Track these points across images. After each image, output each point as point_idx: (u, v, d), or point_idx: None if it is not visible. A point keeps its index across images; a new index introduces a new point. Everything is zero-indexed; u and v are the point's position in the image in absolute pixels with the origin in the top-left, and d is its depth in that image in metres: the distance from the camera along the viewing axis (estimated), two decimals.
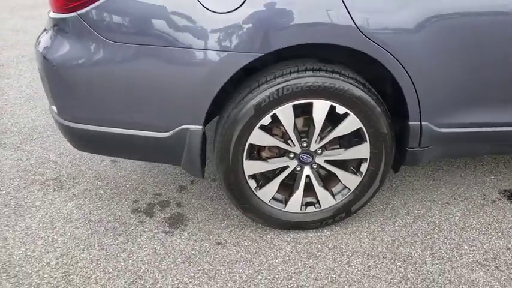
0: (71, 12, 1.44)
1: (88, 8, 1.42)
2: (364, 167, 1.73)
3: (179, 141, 1.60)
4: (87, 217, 1.95)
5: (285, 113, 1.58)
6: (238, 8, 1.39)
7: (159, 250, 1.76)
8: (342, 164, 1.74)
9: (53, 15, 1.53)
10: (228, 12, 1.39)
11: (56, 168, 2.34)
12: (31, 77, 3.72)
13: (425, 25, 1.47)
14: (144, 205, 2.03)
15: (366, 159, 1.71)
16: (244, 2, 1.38)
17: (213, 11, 1.39)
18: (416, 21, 1.46)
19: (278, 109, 1.56)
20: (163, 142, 1.61)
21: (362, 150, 1.69)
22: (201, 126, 1.57)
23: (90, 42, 1.46)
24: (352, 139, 1.70)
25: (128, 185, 2.19)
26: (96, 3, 1.41)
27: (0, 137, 2.69)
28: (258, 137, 1.62)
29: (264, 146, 1.71)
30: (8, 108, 3.11)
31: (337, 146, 1.73)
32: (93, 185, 2.19)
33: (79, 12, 1.43)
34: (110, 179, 2.24)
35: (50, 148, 2.55)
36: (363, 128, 1.63)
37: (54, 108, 1.65)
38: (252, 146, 1.64)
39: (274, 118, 1.58)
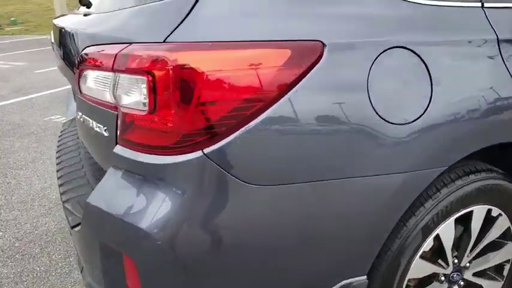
0: (191, 151, 0.89)
1: (221, 143, 0.88)
2: (506, 269, 1.47)
3: None
4: None
5: (448, 230, 1.24)
6: (421, 116, 1.03)
7: None
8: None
9: (147, 159, 0.92)
10: (408, 122, 1.02)
11: None
12: None
13: None
14: None
15: (509, 260, 1.46)
16: (427, 108, 1.04)
17: (391, 123, 1.01)
18: None
19: (441, 227, 1.22)
20: None
21: (508, 251, 1.44)
22: (365, 277, 1.12)
23: (219, 190, 0.91)
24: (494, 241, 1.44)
25: None
26: (234, 135, 0.88)
27: None
28: (418, 269, 1.24)
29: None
30: None
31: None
32: None
33: (206, 150, 0.90)
34: None
35: None
36: (511, 226, 1.40)
37: None
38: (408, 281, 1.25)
39: (436, 240, 1.24)
